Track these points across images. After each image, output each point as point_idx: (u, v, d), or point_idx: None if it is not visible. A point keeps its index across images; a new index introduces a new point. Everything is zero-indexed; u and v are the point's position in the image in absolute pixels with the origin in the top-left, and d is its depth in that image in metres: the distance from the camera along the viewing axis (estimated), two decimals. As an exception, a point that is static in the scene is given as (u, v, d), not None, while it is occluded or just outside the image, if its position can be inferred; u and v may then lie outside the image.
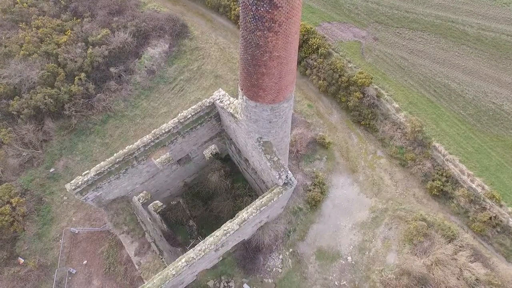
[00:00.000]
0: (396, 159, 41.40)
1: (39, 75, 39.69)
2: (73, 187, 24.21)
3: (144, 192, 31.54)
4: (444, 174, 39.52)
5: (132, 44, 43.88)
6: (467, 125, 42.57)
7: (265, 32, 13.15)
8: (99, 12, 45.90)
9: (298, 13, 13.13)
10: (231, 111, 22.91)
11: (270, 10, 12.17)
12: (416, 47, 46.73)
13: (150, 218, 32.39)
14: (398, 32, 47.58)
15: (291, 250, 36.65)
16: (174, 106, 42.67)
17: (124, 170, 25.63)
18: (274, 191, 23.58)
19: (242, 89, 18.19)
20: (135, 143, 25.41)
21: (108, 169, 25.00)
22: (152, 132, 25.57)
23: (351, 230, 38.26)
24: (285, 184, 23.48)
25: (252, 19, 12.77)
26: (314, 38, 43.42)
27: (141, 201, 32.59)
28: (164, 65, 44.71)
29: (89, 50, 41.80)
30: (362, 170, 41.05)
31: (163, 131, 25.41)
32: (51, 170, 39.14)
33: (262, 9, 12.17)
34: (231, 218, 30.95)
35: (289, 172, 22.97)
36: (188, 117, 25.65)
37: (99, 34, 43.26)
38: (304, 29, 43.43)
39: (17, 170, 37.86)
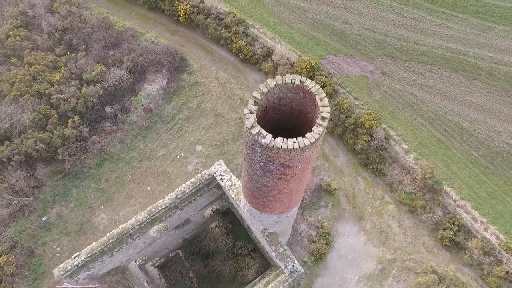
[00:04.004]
0: (405, 205, 39.49)
1: (30, 118, 37.76)
2: (62, 272, 22.41)
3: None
4: (456, 222, 37.63)
5: (128, 80, 41.88)
6: (480, 168, 40.60)
7: (275, 180, 11.20)
8: (94, 45, 43.80)
9: (312, 162, 11.15)
10: (233, 196, 20.98)
11: (282, 169, 10.22)
12: (426, 82, 44.65)
13: (147, 282, 30.58)
14: (407, 66, 45.48)
15: (295, 306, 34.86)
16: (172, 148, 40.72)
17: (118, 249, 23.78)
18: (280, 279, 21.72)
19: (246, 198, 16.23)
20: (130, 222, 23.54)
21: (101, 250, 23.15)
22: (148, 209, 23.68)
23: (357, 283, 36.45)
24: (291, 272, 21.62)
25: (260, 170, 10.81)
26: (320, 75, 41.39)
27: (137, 263, 30.78)
28: (162, 103, 42.69)
29: (83, 90, 39.82)
30: (369, 217, 39.18)
31: (160, 208, 23.52)
32: (43, 219, 37.31)
33: (272, 167, 10.22)
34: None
35: (296, 261, 21.10)
36: (186, 191, 23.74)
37: (93, 71, 41.23)
38: (310, 65, 41.36)
39: (6, 220, 36.04)
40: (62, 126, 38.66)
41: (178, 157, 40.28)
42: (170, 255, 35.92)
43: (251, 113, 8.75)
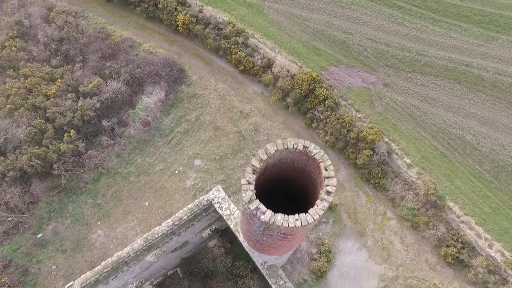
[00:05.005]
0: (407, 221, 38.75)
1: (25, 132, 37.00)
2: (55, 304, 21.61)
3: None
4: (459, 239, 36.90)
5: (125, 93, 41.10)
6: (484, 182, 39.85)
7: (275, 240, 10.43)
8: (91, 56, 43.03)
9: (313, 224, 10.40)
10: (231, 226, 20.23)
11: (282, 235, 9.45)
12: (429, 94, 43.87)
13: (143, 304, 29.87)
14: (409, 77, 44.69)
15: (295, 326, 34.15)
16: (170, 162, 39.97)
17: (113, 277, 23.05)
18: (280, 311, 20.97)
19: (245, 239, 15.48)
20: (125, 250, 22.80)
21: (95, 279, 22.42)
22: (144, 236, 22.95)
23: (359, 302, 35.75)
24: (292, 304, 20.87)
25: (259, 232, 10.05)
26: (321, 88, 40.60)
27: (134, 285, 30.04)
28: (160, 115, 41.93)
29: (80, 103, 39.06)
30: (370, 233, 38.44)
31: (156, 236, 22.78)
32: (38, 236, 36.58)
33: (272, 233, 9.46)
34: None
35: (297, 294, 20.34)
36: (183, 218, 22.98)
37: (90, 83, 40.47)
38: (310, 77, 40.57)
39: (0, 238, 35.26)
40: (58, 141, 37.88)
41: (176, 171, 39.53)
42: (168, 273, 35.20)
43: (249, 183, 8.02)
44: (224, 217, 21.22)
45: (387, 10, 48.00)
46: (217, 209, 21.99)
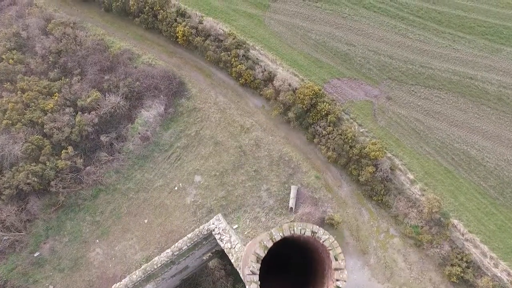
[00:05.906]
0: (410, 238, 38.12)
1: (22, 148, 36.34)
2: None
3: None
4: (464, 258, 36.27)
5: (124, 107, 40.43)
6: (489, 199, 39.21)
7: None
8: (89, 69, 42.32)
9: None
10: (232, 261, 19.57)
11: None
12: (433, 107, 43.19)
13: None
14: (413, 90, 44.00)
15: None
16: (170, 178, 39.29)
17: (110, 308, 22.39)
18: None
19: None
20: (123, 281, 22.17)
21: (91, 312, 21.76)
22: (142, 267, 22.32)
23: (362, 322, 35.15)
24: None
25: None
26: (323, 102, 39.92)
27: (132, 309, 29.33)
28: (160, 130, 41.25)
29: (78, 118, 38.39)
30: (373, 251, 37.79)
31: (155, 266, 22.12)
32: (35, 255, 35.96)
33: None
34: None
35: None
36: (183, 248, 22.34)
37: (88, 97, 39.81)
38: (312, 92, 39.88)
39: (-3, 258, 34.65)
40: (56, 157, 37.21)
41: (176, 188, 38.85)
42: (168, 293, 34.49)
43: (253, 274, 7.36)
44: (225, 250, 20.56)
45: (390, 21, 47.29)
46: (218, 240, 21.35)
